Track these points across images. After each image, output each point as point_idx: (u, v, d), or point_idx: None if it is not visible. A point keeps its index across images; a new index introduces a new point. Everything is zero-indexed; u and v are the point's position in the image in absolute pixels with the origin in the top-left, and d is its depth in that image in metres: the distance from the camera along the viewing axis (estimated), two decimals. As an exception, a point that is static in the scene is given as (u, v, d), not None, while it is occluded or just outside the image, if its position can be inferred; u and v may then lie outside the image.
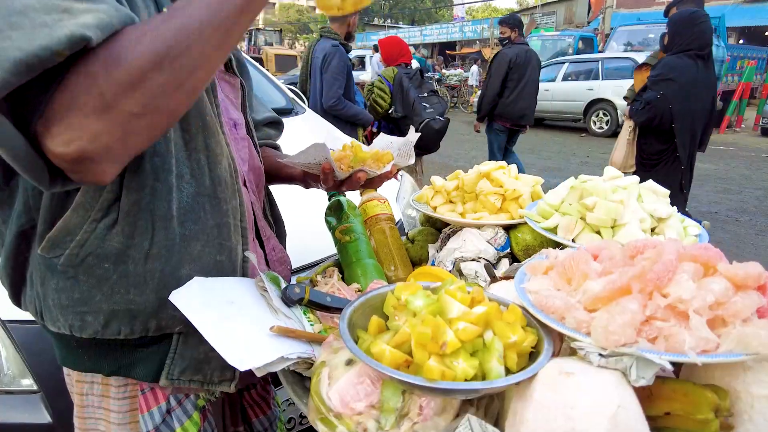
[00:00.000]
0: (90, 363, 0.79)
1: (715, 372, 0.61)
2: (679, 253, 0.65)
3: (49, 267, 0.72)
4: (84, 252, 0.70)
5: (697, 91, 3.10)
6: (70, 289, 0.72)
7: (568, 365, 0.59)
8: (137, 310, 0.73)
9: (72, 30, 0.51)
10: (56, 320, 0.75)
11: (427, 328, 0.58)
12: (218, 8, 0.58)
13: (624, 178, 1.06)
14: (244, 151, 0.94)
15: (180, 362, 0.78)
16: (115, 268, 0.71)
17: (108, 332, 0.74)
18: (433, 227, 1.31)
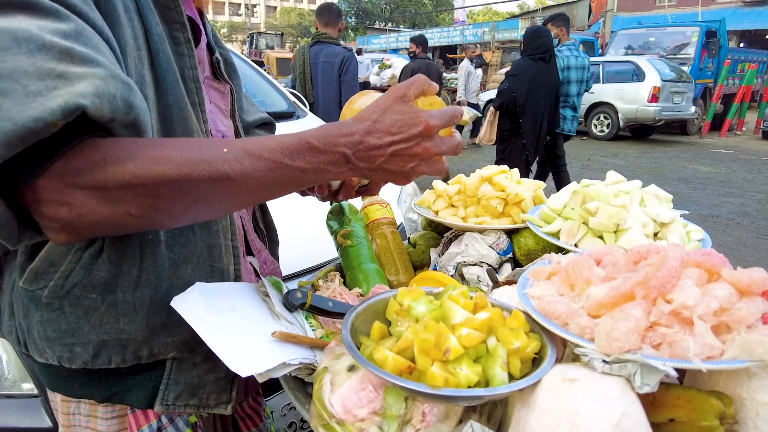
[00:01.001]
0: (81, 390, 0.76)
1: (719, 378, 0.61)
2: (682, 259, 0.64)
3: (32, 299, 0.68)
4: (69, 283, 0.66)
5: (538, 84, 4.16)
6: (56, 321, 0.69)
7: (572, 372, 0.59)
8: (128, 339, 0.70)
9: (66, 99, 0.48)
10: (43, 352, 0.71)
11: (430, 335, 0.57)
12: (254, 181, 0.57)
13: (626, 183, 1.06)
14: None
15: (174, 388, 0.76)
16: (103, 297, 0.68)
17: (99, 362, 0.71)
18: (435, 231, 1.31)
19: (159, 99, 0.69)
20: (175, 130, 0.70)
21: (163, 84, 0.69)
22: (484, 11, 50.69)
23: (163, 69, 0.69)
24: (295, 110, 3.00)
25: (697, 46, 11.85)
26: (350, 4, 50.89)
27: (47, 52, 0.49)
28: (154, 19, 0.69)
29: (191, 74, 0.74)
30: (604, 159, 8.67)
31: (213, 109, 0.87)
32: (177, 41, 0.73)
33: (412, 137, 0.60)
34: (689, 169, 7.88)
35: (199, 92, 0.75)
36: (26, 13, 0.50)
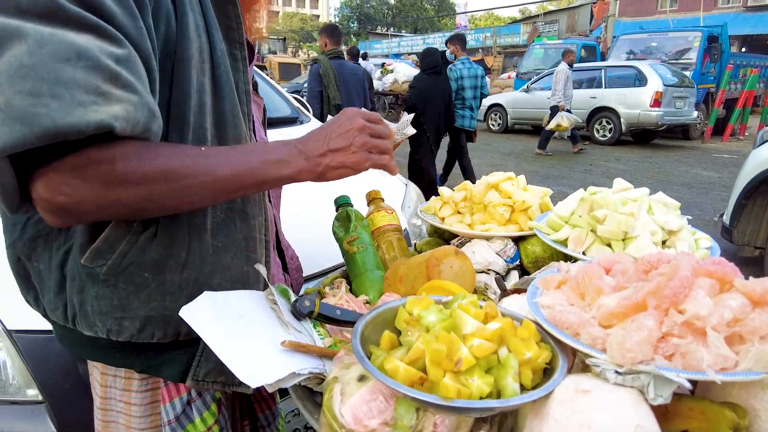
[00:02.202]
0: (121, 360, 0.83)
1: (732, 389, 0.60)
2: (694, 269, 0.64)
3: (90, 276, 0.75)
4: (126, 261, 0.73)
5: (432, 93, 5.28)
6: (109, 296, 0.75)
7: (585, 383, 0.58)
8: (171, 315, 0.76)
9: (102, 118, 0.57)
10: (93, 325, 0.78)
11: (442, 345, 0.57)
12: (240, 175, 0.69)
13: (634, 190, 1.06)
14: None
15: (205, 365, 0.81)
16: (153, 276, 0.75)
17: (143, 336, 0.78)
18: (441, 238, 1.31)
19: (216, 105, 0.78)
20: (228, 133, 0.79)
21: (221, 93, 0.78)
22: (485, 16, 50.83)
23: (222, 80, 0.78)
24: (298, 116, 3.01)
25: (699, 51, 11.84)
26: (352, 9, 51.09)
27: (100, 72, 0.57)
28: (218, 37, 0.79)
29: (244, 88, 0.83)
30: (606, 164, 8.66)
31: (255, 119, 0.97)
32: (235, 58, 0.82)
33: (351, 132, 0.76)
34: (692, 173, 7.87)
35: (249, 103, 0.85)
36: (93, 33, 0.59)
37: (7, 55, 0.54)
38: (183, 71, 0.72)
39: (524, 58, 16.37)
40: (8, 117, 0.54)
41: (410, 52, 23.92)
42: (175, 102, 0.72)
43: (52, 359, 1.35)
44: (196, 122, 0.74)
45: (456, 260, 0.90)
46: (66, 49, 0.56)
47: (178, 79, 0.72)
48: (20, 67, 0.54)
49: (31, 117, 0.54)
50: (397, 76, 14.90)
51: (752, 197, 3.56)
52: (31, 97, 0.54)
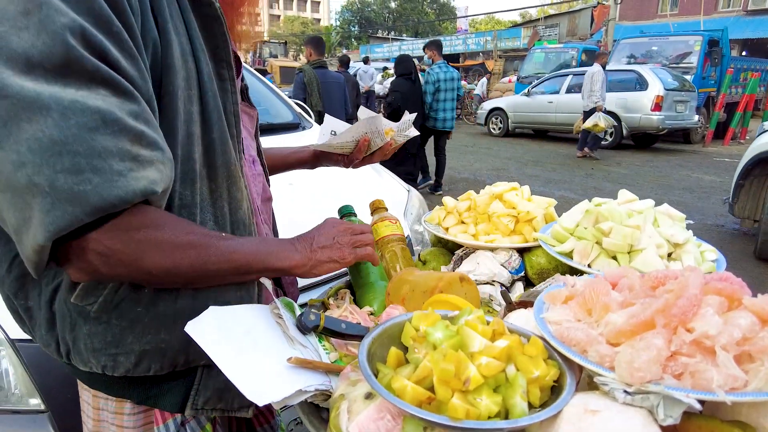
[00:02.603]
0: (119, 391, 0.82)
1: (742, 408, 0.60)
2: (702, 286, 0.64)
3: (80, 314, 0.72)
4: (118, 298, 0.71)
5: (409, 95, 5.97)
6: (102, 333, 0.73)
7: (593, 402, 0.58)
8: (167, 348, 0.75)
9: (145, 185, 0.59)
10: (87, 362, 0.76)
11: (450, 365, 0.57)
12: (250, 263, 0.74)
13: (639, 202, 1.05)
14: (259, 186, 0.99)
15: (204, 393, 0.80)
16: (147, 310, 0.73)
17: (139, 370, 0.76)
18: (445, 248, 1.30)
19: (204, 134, 0.75)
20: (217, 161, 0.77)
21: (209, 120, 0.76)
22: (486, 20, 50.96)
23: (210, 107, 0.76)
24: (300, 121, 3.01)
25: (700, 55, 11.86)
26: (354, 13, 51.22)
27: (126, 134, 0.58)
28: (205, 59, 0.75)
29: (231, 109, 0.80)
30: (607, 168, 8.66)
31: (244, 134, 0.93)
32: (222, 78, 0.79)
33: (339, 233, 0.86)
34: (693, 178, 7.86)
35: (237, 125, 0.82)
36: (108, 88, 0.58)
37: (33, 129, 0.53)
38: (170, 103, 0.69)
39: (525, 61, 16.41)
40: (57, 200, 0.54)
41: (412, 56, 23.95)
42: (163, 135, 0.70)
43: (54, 368, 1.34)
44: (184, 154, 0.72)
45: (461, 289, 0.90)
46: (91, 117, 0.55)
47: (165, 111, 0.69)
48: (52, 144, 0.53)
49: (79, 196, 0.54)
50: (398, 79, 14.90)
51: (747, 178, 4.38)
52: (73, 175, 0.54)
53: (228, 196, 0.80)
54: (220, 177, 0.78)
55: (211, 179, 0.77)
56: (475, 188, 1.31)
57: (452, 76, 6.25)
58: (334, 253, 0.83)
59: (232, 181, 0.80)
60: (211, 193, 0.78)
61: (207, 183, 0.77)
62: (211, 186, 0.77)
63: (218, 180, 0.78)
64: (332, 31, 48.97)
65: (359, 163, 1.22)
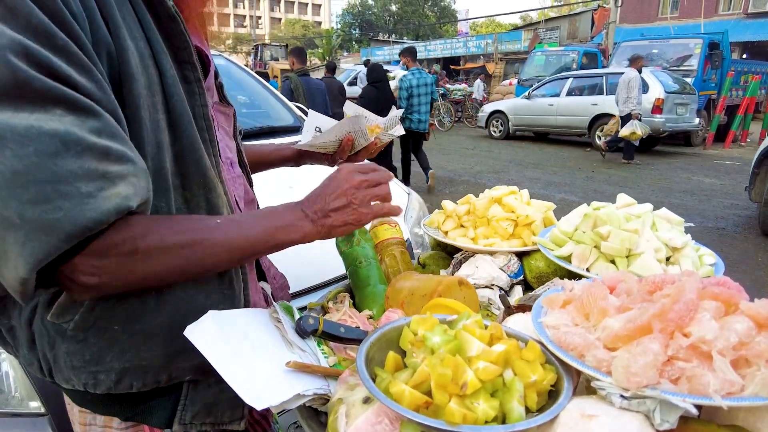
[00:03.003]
0: (106, 409, 0.80)
1: (739, 413, 0.60)
2: (699, 291, 0.64)
3: (58, 332, 0.71)
4: (94, 316, 0.70)
5: (377, 101, 6.10)
6: (81, 351, 0.72)
7: (590, 407, 0.58)
8: (148, 365, 0.74)
9: (117, 203, 0.57)
10: (69, 380, 0.74)
11: (447, 369, 0.57)
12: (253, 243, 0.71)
13: (637, 206, 1.06)
14: (240, 189, 0.95)
15: (191, 408, 0.79)
16: (124, 328, 0.71)
17: (121, 387, 0.74)
18: (444, 252, 1.31)
19: (174, 142, 0.72)
20: (189, 169, 0.74)
21: (179, 127, 0.72)
22: (487, 23, 51.04)
23: (178, 112, 0.72)
24: (301, 124, 3.02)
25: (700, 58, 11.86)
26: (354, 16, 51.33)
27: (91, 153, 0.55)
28: (167, 62, 0.71)
29: (201, 112, 0.76)
30: (608, 170, 8.66)
31: (221, 135, 0.90)
32: (188, 80, 0.75)
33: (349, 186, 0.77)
34: (694, 180, 7.86)
35: (209, 129, 0.78)
36: (62, 107, 0.54)
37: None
38: (133, 114, 0.65)
39: (525, 64, 16.42)
40: (30, 230, 0.53)
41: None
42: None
43: (54, 371, 1.35)
44: (155, 165, 0.68)
45: (460, 293, 0.90)
46: (50, 142, 0.53)
47: (130, 122, 0.65)
48: (14, 175, 0.52)
49: (52, 225, 0.53)
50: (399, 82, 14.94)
51: (761, 166, 5.14)
52: (41, 204, 0.53)
53: (206, 204, 0.77)
54: (194, 185, 0.75)
55: (186, 188, 0.74)
56: (475, 190, 1.31)
57: (426, 82, 6.58)
58: (350, 216, 0.76)
59: (209, 188, 0.77)
60: (186, 203, 0.75)
61: (181, 192, 0.74)
62: (186, 195, 0.74)
63: (193, 188, 0.75)
64: (333, 34, 49.10)
65: (343, 162, 1.16)
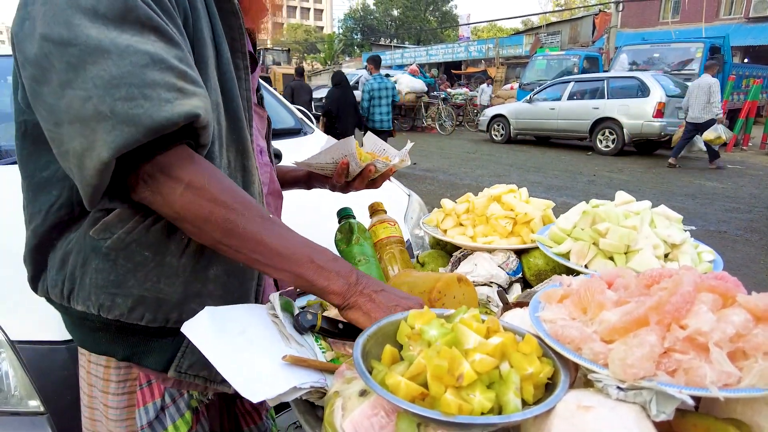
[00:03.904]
0: (106, 346, 0.85)
1: (737, 406, 0.60)
2: (696, 284, 0.64)
3: (94, 248, 0.78)
4: (130, 238, 0.77)
5: (341, 102, 7.47)
6: (108, 270, 0.78)
7: (586, 398, 0.58)
8: (164, 299, 0.79)
9: (188, 109, 0.66)
10: (87, 299, 0.80)
11: (444, 361, 0.57)
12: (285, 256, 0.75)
13: (636, 203, 1.06)
14: (266, 176, 1.03)
15: (190, 356, 0.83)
16: (153, 256, 0.78)
17: (132, 316, 0.79)
18: (444, 250, 1.31)
19: (226, 104, 0.84)
20: (232, 135, 0.85)
21: (228, 96, 0.84)
22: (488, 28, 51.19)
23: (228, 85, 0.84)
24: (302, 126, 3.03)
25: (702, 62, 11.89)
26: (356, 21, 51.50)
27: (172, 71, 0.67)
28: (225, 46, 0.84)
29: (245, 95, 0.89)
30: (609, 174, 8.66)
31: (255, 128, 1.00)
32: (237, 66, 0.87)
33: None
34: (695, 184, 7.85)
35: (249, 110, 0.90)
36: (156, 35, 0.67)
37: (96, 69, 0.63)
38: (203, 70, 0.77)
39: (527, 69, 16.47)
40: (117, 122, 0.63)
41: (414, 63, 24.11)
42: None
43: (54, 370, 1.34)
44: (213, 119, 0.77)
45: (459, 289, 0.90)
46: (142, 57, 0.65)
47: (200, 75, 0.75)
48: (111, 78, 0.63)
49: (135, 118, 0.63)
50: (400, 87, 14.99)
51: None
52: (129, 101, 0.63)
53: (242, 169, 0.87)
54: (236, 149, 0.86)
55: (229, 149, 0.85)
56: (476, 194, 1.31)
57: (386, 86, 7.83)
58: (376, 311, 0.77)
59: (246, 155, 0.87)
60: (229, 163, 0.85)
61: (226, 152, 0.84)
62: (230, 156, 0.85)
63: (235, 150, 0.86)
64: (335, 39, 49.28)
65: (346, 189, 1.17)
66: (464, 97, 17.03)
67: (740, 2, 20.53)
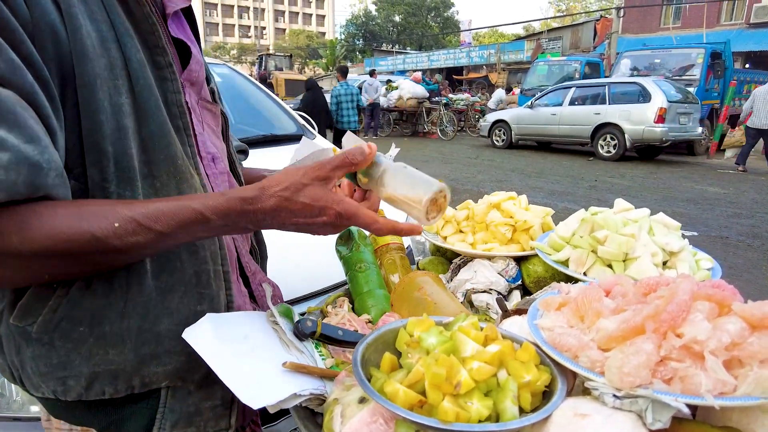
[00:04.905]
0: (82, 418, 0.76)
1: (732, 414, 0.60)
2: (692, 292, 0.64)
3: (22, 335, 0.69)
4: (57, 317, 0.67)
5: (313, 105, 8.56)
6: (47, 355, 0.69)
7: (583, 406, 0.59)
8: (118, 369, 0.71)
9: None
10: (38, 387, 0.72)
11: (442, 369, 0.57)
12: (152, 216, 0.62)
13: (635, 211, 1.06)
14: (224, 185, 0.89)
15: (171, 416, 0.76)
16: (90, 330, 0.68)
17: (92, 394, 0.71)
18: (444, 257, 1.31)
19: (140, 127, 0.69)
20: (158, 155, 0.71)
21: (145, 111, 0.69)
22: (489, 33, 51.36)
23: (144, 96, 0.69)
24: (304, 132, 3.04)
25: (703, 68, 11.90)
26: (358, 27, 51.71)
27: None
28: (134, 45, 0.69)
29: (174, 98, 0.74)
30: (611, 180, 8.66)
31: (207, 131, 0.88)
32: (159, 65, 0.73)
33: (316, 223, 0.66)
34: (697, 189, 7.85)
35: (183, 116, 0.75)
36: None
37: None
38: (88, 95, 0.63)
39: (528, 74, 16.50)
40: None
41: (415, 69, 24.22)
42: (86, 131, 0.64)
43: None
44: (117, 150, 0.66)
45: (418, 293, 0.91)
46: None
47: (84, 105, 0.63)
48: None
49: None
50: (402, 92, 15.06)
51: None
52: None
53: (177, 194, 0.72)
54: (164, 173, 0.71)
55: (155, 176, 0.71)
56: (477, 200, 1.32)
57: (351, 92, 9.54)
58: (291, 229, 0.67)
59: (181, 178, 0.73)
60: (156, 192, 0.71)
61: (150, 180, 0.70)
62: (155, 184, 0.71)
63: (162, 177, 0.71)
64: (337, 45, 49.49)
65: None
66: (466, 103, 17.07)
67: (741, 8, 20.58)
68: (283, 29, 68.35)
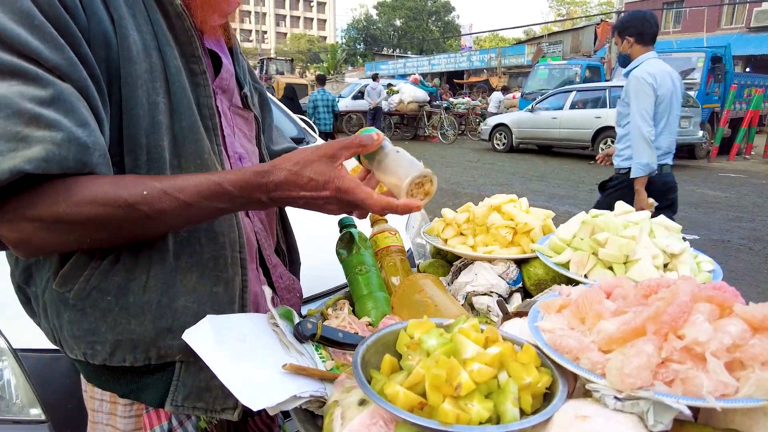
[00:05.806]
0: (107, 384, 0.84)
1: (734, 416, 0.60)
2: (693, 294, 0.64)
3: (62, 301, 0.77)
4: (89, 286, 0.75)
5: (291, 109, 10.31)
6: (80, 320, 0.77)
7: (584, 408, 0.58)
8: (138, 339, 0.78)
9: (14, 164, 0.59)
10: (72, 349, 0.80)
11: (442, 370, 0.57)
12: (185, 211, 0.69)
13: (635, 213, 1.06)
14: None
15: (183, 389, 0.81)
16: (116, 300, 0.76)
17: (115, 360, 0.79)
18: (444, 260, 1.31)
19: (173, 123, 0.78)
20: (187, 149, 0.79)
21: (178, 110, 0.78)
22: (490, 37, 51.48)
23: (178, 97, 0.78)
24: (304, 136, 3.05)
25: (703, 72, 11.90)
26: (359, 31, 51.87)
27: (19, 117, 0.60)
28: (172, 54, 0.79)
29: (206, 102, 0.83)
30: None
31: (237, 134, 0.97)
32: (193, 72, 0.82)
33: (321, 197, 0.70)
34: (698, 193, 7.84)
35: (212, 118, 0.84)
36: (14, 78, 0.61)
37: None
38: (129, 93, 0.72)
39: (529, 78, 16.53)
40: None
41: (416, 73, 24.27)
42: (126, 124, 0.73)
43: (56, 379, 1.35)
44: (150, 142, 0.74)
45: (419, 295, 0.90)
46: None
47: (126, 100, 0.72)
48: None
49: None
50: (403, 96, 15.08)
51: None
52: None
53: None
54: (191, 165, 0.79)
55: (182, 168, 0.78)
56: (478, 203, 1.32)
57: (327, 98, 10.70)
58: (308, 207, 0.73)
59: (206, 170, 0.79)
60: None
61: (177, 171, 0.78)
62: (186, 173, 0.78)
63: (189, 168, 0.79)
64: (338, 49, 49.64)
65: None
66: (466, 107, 17.10)
67: (741, 12, 20.62)
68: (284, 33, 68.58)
